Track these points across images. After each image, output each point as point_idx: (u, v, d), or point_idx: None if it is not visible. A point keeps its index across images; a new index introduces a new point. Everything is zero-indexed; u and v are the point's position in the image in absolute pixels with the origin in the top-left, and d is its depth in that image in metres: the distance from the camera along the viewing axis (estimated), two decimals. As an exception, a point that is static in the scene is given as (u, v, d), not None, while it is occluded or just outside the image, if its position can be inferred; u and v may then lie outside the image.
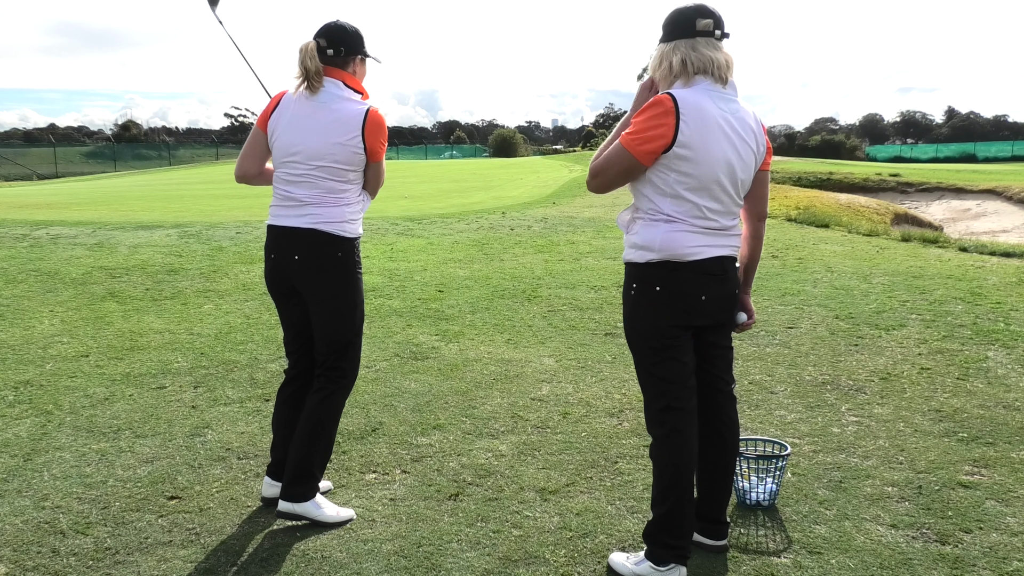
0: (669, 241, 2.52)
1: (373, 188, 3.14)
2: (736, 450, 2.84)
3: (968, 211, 19.36)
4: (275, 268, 3.09)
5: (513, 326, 5.94)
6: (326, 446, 3.08)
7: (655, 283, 2.56)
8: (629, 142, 2.49)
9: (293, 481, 3.01)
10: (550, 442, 3.79)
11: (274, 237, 3.07)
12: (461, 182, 21.87)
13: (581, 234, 10.63)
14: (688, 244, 2.53)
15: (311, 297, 3.06)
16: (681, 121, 2.43)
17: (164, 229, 10.37)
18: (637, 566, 2.64)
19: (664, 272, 2.55)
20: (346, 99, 2.94)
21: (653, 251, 2.54)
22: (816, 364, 4.96)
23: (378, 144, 2.97)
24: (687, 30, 2.51)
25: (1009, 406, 4.19)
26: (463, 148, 73.95)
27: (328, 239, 2.99)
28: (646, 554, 2.65)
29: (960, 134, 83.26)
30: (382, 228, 10.93)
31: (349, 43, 2.96)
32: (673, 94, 2.47)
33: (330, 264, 3.02)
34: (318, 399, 3.05)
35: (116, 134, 68.80)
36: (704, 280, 2.58)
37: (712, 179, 2.51)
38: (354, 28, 3.01)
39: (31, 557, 2.78)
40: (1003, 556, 2.76)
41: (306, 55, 2.90)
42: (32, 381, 4.66)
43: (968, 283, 7.16)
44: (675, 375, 2.62)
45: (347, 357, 3.10)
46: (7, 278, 7.45)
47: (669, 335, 2.59)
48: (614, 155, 2.54)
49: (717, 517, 2.81)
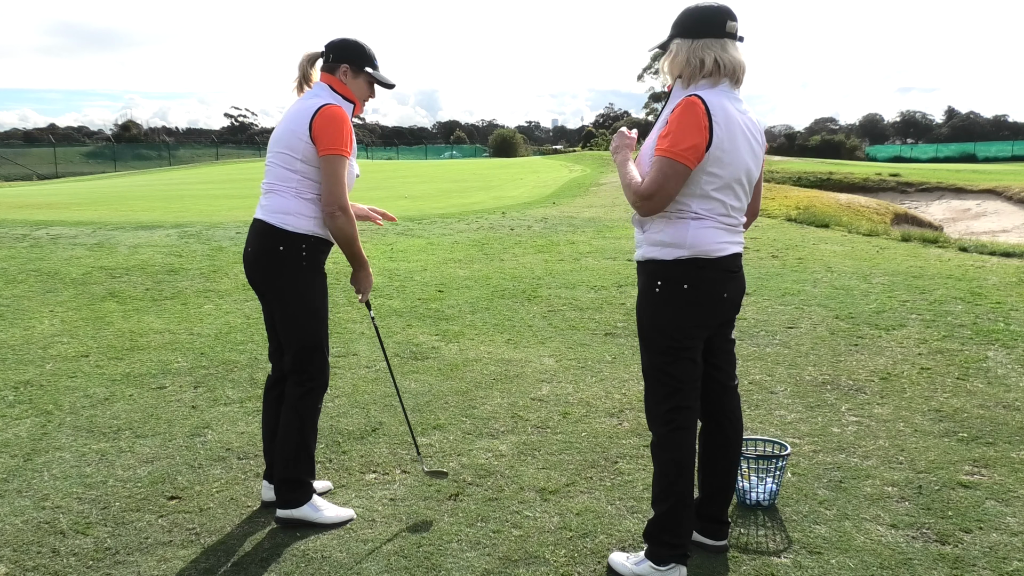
0: (698, 238, 2.54)
1: (326, 187, 2.88)
2: (739, 447, 2.84)
3: (968, 211, 19.36)
4: (244, 262, 3.13)
5: (513, 326, 5.94)
6: (305, 451, 3.04)
7: (683, 281, 2.56)
8: (677, 153, 2.45)
9: (282, 488, 3.02)
10: (550, 442, 3.79)
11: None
12: (461, 182, 21.87)
13: (581, 234, 10.63)
14: (715, 240, 2.56)
15: (264, 295, 3.06)
16: (713, 123, 2.46)
17: (164, 229, 10.37)
18: (637, 566, 2.65)
19: (692, 269, 2.56)
20: (317, 96, 2.98)
21: (683, 248, 2.54)
22: (816, 364, 4.96)
23: (325, 134, 2.85)
24: (717, 29, 2.51)
25: (1009, 406, 4.19)
26: (463, 148, 73.98)
27: (270, 230, 2.95)
28: (646, 553, 2.65)
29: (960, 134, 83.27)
30: (382, 228, 10.93)
31: (339, 52, 3.03)
32: (702, 96, 2.48)
33: (273, 259, 2.96)
34: (288, 404, 3.04)
35: (116, 134, 68.77)
36: (726, 277, 2.61)
37: (735, 178, 2.56)
38: (354, 43, 3.04)
39: (31, 557, 2.78)
40: (1003, 556, 2.76)
41: (302, 59, 3.10)
42: (32, 381, 4.66)
43: (968, 283, 7.16)
44: (688, 375, 2.64)
45: (311, 362, 3.03)
46: (7, 278, 7.45)
47: (692, 335, 2.62)
48: (667, 169, 2.46)
49: (719, 516, 2.81)
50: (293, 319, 2.99)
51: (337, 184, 2.88)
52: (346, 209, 2.90)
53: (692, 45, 2.52)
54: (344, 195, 2.90)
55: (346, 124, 2.91)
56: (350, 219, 2.92)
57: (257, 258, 3.01)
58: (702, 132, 2.44)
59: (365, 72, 3.05)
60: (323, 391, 3.10)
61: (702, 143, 2.45)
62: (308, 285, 2.99)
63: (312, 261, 2.99)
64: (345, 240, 2.95)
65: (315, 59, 3.09)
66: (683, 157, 2.44)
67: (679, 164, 2.44)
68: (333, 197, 2.88)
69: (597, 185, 18.62)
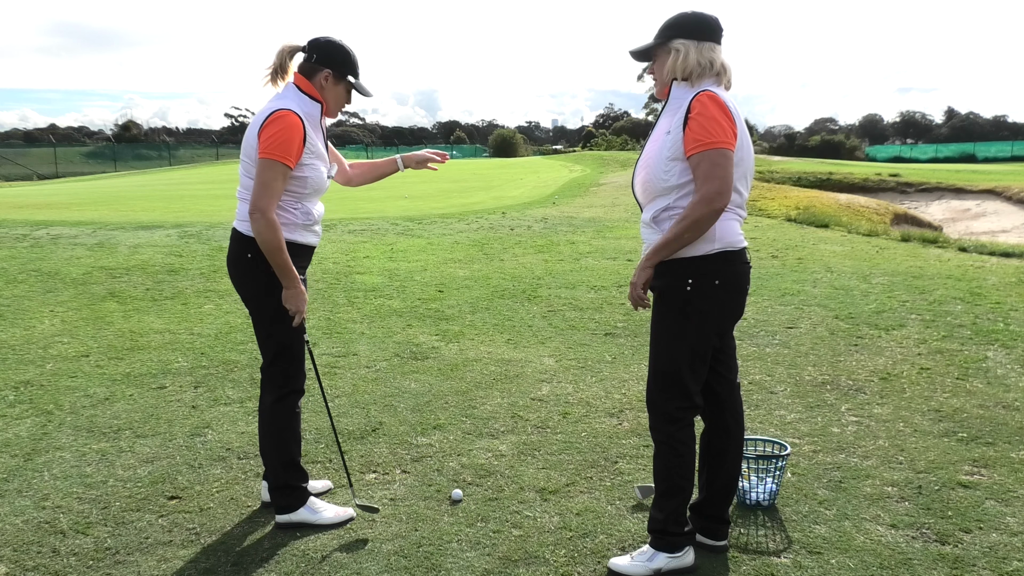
0: (725, 230, 2.58)
1: (254, 188, 2.80)
2: (741, 442, 2.85)
3: (968, 211, 19.36)
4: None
5: (513, 326, 5.94)
6: (287, 458, 3.03)
7: (714, 277, 2.58)
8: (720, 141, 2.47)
9: (274, 494, 3.03)
10: (550, 442, 3.79)
11: None
12: (461, 182, 21.87)
13: (581, 234, 10.63)
14: (737, 232, 2.63)
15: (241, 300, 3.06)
16: (732, 114, 2.53)
17: (164, 229, 10.37)
18: (651, 561, 2.67)
19: (720, 264, 2.58)
20: (279, 98, 2.87)
21: (713, 242, 2.56)
22: (816, 364, 4.96)
23: (266, 137, 2.75)
24: (718, 36, 2.62)
25: (1009, 406, 4.19)
26: (463, 148, 73.91)
27: (239, 238, 2.93)
28: (655, 546, 2.69)
29: (960, 134, 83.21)
30: (382, 228, 10.93)
31: (323, 55, 2.89)
32: (716, 91, 2.54)
33: (242, 265, 2.94)
34: (261, 410, 3.04)
35: (116, 134, 68.75)
36: (746, 269, 2.67)
37: (749, 168, 2.65)
38: (339, 47, 2.91)
39: (31, 557, 2.78)
40: (1003, 556, 2.76)
41: (282, 48, 2.95)
42: (32, 381, 4.66)
43: (968, 283, 7.16)
44: (702, 376, 2.69)
45: (280, 369, 3.00)
46: (7, 278, 7.45)
47: (723, 330, 2.70)
48: (717, 159, 2.47)
49: (720, 515, 2.82)
50: (262, 324, 2.98)
51: (262, 186, 2.77)
52: (265, 212, 2.76)
53: (699, 46, 2.57)
54: (265, 199, 2.77)
55: (294, 131, 2.77)
56: (270, 225, 2.78)
57: (232, 265, 3.01)
58: (731, 120, 2.50)
59: (347, 80, 2.95)
60: (297, 397, 3.05)
61: (734, 133, 2.51)
62: (277, 290, 2.90)
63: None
64: (266, 247, 2.81)
65: (295, 52, 2.95)
66: (727, 143, 2.48)
67: (727, 150, 2.48)
68: (255, 198, 2.77)
69: (597, 185, 18.63)
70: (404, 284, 7.40)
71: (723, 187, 2.46)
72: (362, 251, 9.19)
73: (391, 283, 7.44)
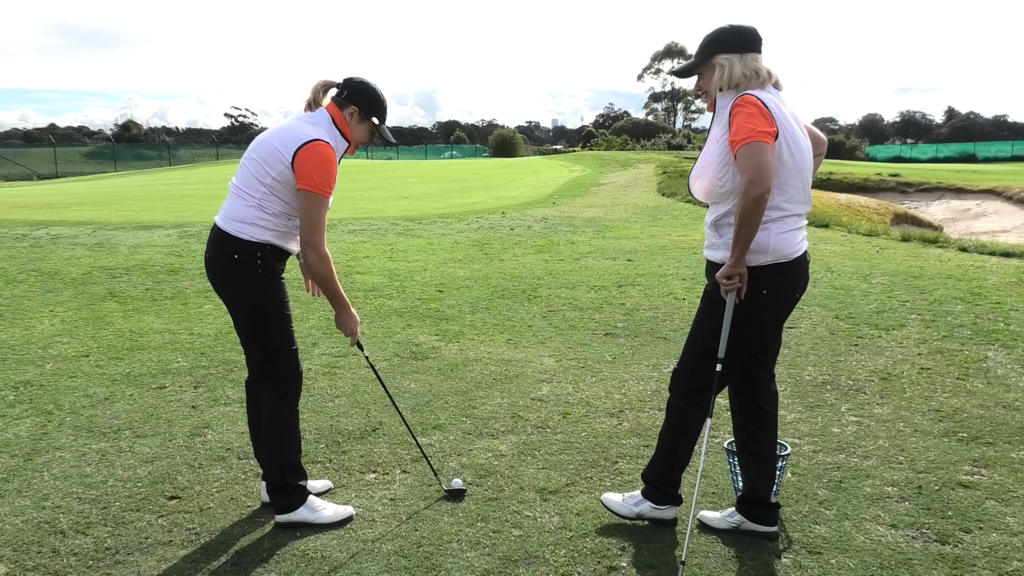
0: (780, 241, 2.67)
1: (302, 224, 2.88)
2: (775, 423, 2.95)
3: (968, 211, 19.37)
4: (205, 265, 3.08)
5: (513, 326, 5.94)
6: (287, 458, 3.03)
7: (762, 287, 2.69)
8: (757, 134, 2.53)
9: (274, 496, 3.03)
10: (550, 442, 3.79)
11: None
12: (461, 182, 21.87)
13: (581, 234, 10.63)
14: (793, 243, 2.70)
15: (223, 299, 3.04)
16: (771, 111, 2.60)
17: (164, 229, 10.38)
18: (637, 506, 2.99)
19: (771, 275, 2.69)
20: (314, 124, 2.94)
21: (766, 254, 2.66)
22: (816, 364, 4.96)
23: (306, 170, 2.81)
24: (757, 45, 2.75)
25: (1009, 406, 4.19)
26: (463, 148, 73.90)
27: (225, 238, 2.92)
28: (644, 493, 3.00)
29: (960, 134, 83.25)
30: (382, 228, 10.94)
31: (353, 93, 3.00)
32: (753, 93, 2.64)
33: (228, 266, 2.93)
34: (264, 412, 3.04)
35: (116, 134, 68.77)
36: (798, 277, 2.76)
37: (804, 166, 2.71)
38: (372, 90, 3.02)
39: (31, 557, 2.78)
40: (1003, 556, 2.76)
41: (317, 84, 3.09)
42: (32, 381, 4.66)
43: (968, 283, 7.16)
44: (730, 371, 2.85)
45: (277, 366, 3.01)
46: (7, 278, 7.45)
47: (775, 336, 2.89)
48: (751, 151, 2.53)
49: (766, 499, 2.90)
50: (250, 324, 2.98)
51: (310, 223, 2.84)
52: (317, 248, 2.85)
53: (745, 59, 2.70)
54: (317, 234, 2.85)
55: (332, 165, 2.86)
56: (322, 258, 2.87)
57: (213, 264, 2.99)
58: (767, 118, 2.57)
59: (371, 121, 3.03)
60: (297, 393, 3.07)
61: (771, 128, 2.57)
62: (264, 290, 2.93)
63: (268, 268, 2.94)
64: (319, 279, 2.93)
65: (329, 88, 3.07)
66: (758, 136, 2.53)
67: (758, 142, 2.53)
68: (306, 235, 2.85)
69: (597, 185, 18.63)
70: (404, 284, 7.40)
71: (755, 176, 2.51)
72: (362, 251, 9.19)
73: (391, 283, 7.44)
